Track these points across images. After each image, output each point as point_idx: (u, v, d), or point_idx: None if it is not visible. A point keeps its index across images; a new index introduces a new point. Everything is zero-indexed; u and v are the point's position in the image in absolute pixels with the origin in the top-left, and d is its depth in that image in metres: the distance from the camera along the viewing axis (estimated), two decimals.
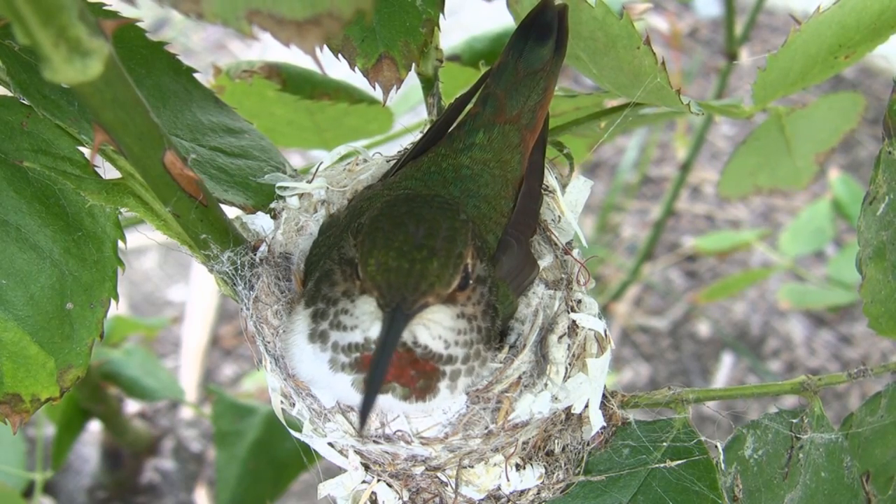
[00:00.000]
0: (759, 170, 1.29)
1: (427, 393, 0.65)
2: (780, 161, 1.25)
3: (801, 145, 1.21)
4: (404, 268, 0.59)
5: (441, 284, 0.60)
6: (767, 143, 1.21)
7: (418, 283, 0.59)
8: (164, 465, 1.87)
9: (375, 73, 0.80)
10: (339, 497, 0.77)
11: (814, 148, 1.24)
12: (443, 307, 0.62)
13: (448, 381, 0.65)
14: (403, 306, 0.59)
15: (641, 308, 2.46)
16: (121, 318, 1.64)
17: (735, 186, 1.35)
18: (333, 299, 0.65)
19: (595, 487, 0.76)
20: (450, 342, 0.64)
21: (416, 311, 0.60)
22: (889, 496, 0.83)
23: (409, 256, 0.60)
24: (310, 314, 0.67)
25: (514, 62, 0.76)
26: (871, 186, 0.78)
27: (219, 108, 0.86)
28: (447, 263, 0.61)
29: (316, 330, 0.66)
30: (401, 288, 0.59)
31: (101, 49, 0.49)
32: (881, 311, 0.81)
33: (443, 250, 0.61)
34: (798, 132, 1.18)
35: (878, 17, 0.81)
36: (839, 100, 1.19)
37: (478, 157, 0.76)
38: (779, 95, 0.92)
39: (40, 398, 0.73)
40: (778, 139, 1.19)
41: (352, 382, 0.65)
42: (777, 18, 2.97)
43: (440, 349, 0.64)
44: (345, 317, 0.64)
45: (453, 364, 0.65)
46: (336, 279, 0.65)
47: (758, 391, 0.83)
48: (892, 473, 0.84)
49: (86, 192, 0.74)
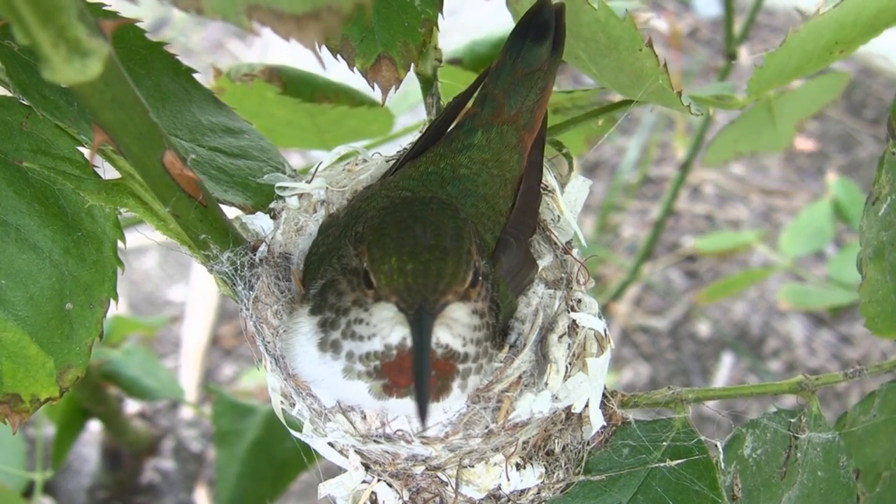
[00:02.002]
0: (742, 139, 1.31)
1: (441, 393, 0.66)
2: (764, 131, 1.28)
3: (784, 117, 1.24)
4: (420, 269, 0.60)
5: (458, 281, 0.61)
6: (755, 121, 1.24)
7: (436, 282, 0.60)
8: (164, 465, 1.87)
9: (374, 74, 0.80)
10: (339, 497, 0.77)
11: (795, 116, 1.26)
12: (461, 304, 0.63)
13: (461, 379, 0.66)
14: (426, 307, 0.59)
15: (641, 308, 2.46)
16: (121, 318, 1.64)
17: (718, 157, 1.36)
18: (343, 309, 0.65)
19: (595, 487, 0.76)
20: (467, 340, 0.64)
21: (439, 311, 0.60)
22: (877, 494, 0.83)
23: (423, 258, 0.60)
24: (317, 323, 0.66)
25: (512, 62, 0.76)
26: (874, 187, 0.79)
27: (218, 109, 0.86)
28: (459, 261, 0.61)
29: (326, 339, 0.66)
30: (420, 289, 0.59)
31: (101, 49, 0.49)
32: (877, 311, 0.81)
33: (453, 249, 0.61)
34: (783, 109, 1.21)
35: (876, 16, 0.81)
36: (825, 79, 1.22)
37: (476, 157, 0.76)
38: (773, 87, 0.93)
39: (40, 398, 0.73)
40: (765, 116, 1.22)
41: (369, 389, 0.66)
42: (777, 18, 2.97)
43: (459, 347, 0.64)
44: (359, 326, 0.64)
45: (467, 362, 0.65)
46: (343, 288, 0.65)
47: (757, 391, 0.83)
48: (880, 471, 0.84)
49: (85, 192, 0.74)
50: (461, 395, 0.67)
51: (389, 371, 0.64)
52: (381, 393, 0.66)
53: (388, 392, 0.65)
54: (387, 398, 0.66)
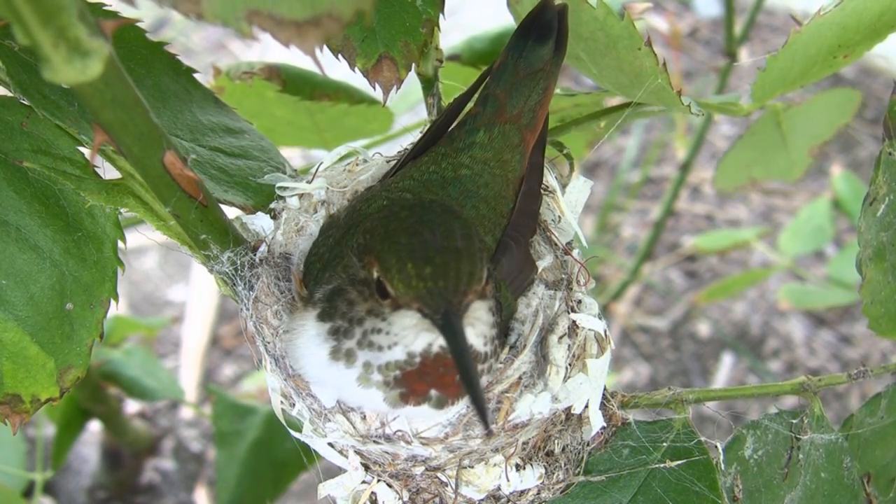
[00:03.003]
0: (754, 163, 1.30)
1: (457, 397, 0.66)
2: (776, 154, 1.26)
3: (796, 139, 1.22)
4: (439, 272, 0.59)
5: (476, 280, 0.60)
6: (764, 138, 1.22)
7: (457, 283, 0.59)
8: (164, 465, 1.88)
9: (375, 74, 0.80)
10: (339, 497, 0.77)
11: (808, 141, 1.25)
12: (481, 303, 0.62)
13: None
14: (451, 309, 0.59)
15: (641, 308, 2.46)
16: (121, 318, 1.64)
17: (731, 180, 1.35)
18: (357, 319, 0.64)
19: (595, 488, 0.76)
20: (487, 338, 0.64)
21: (464, 311, 0.60)
22: (891, 498, 0.83)
23: (438, 261, 0.59)
24: (328, 331, 0.66)
25: (514, 62, 0.76)
26: (872, 187, 0.78)
27: (219, 109, 0.86)
28: (474, 259, 0.60)
29: (339, 348, 0.65)
30: (444, 292, 0.59)
31: (101, 49, 0.49)
32: (881, 312, 0.81)
33: (465, 248, 0.61)
34: (794, 127, 1.19)
35: (879, 18, 0.81)
36: (835, 95, 1.20)
37: (478, 157, 0.76)
38: (777, 94, 0.92)
39: (40, 399, 0.73)
40: (774, 134, 1.20)
41: (384, 398, 0.65)
42: (777, 18, 2.97)
43: (482, 347, 0.64)
44: (378, 336, 0.63)
45: (487, 362, 0.65)
46: (353, 298, 0.64)
47: (758, 391, 0.83)
48: (893, 475, 0.84)
49: (86, 192, 0.74)
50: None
51: (410, 379, 0.64)
52: (397, 401, 0.65)
53: (404, 400, 0.65)
54: (403, 406, 0.65)
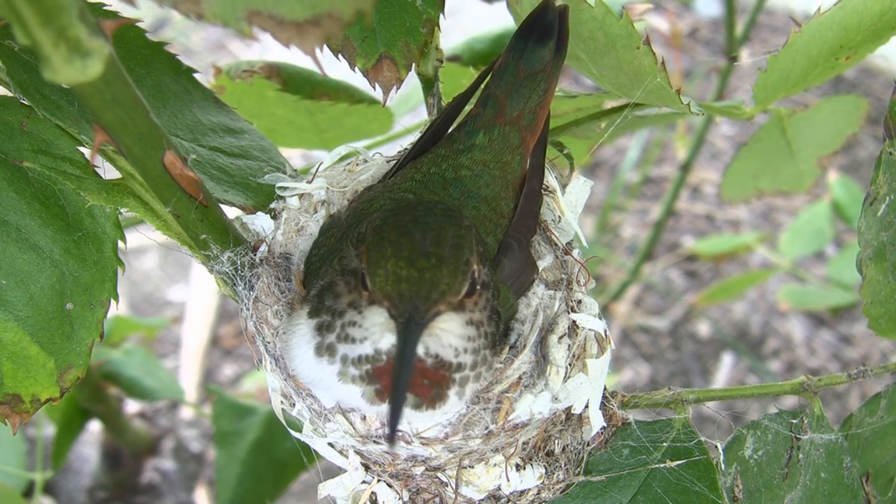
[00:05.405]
0: (761, 173, 1.29)
1: (437, 401, 0.65)
2: (783, 164, 1.25)
3: (803, 148, 1.20)
4: (414, 277, 0.59)
5: (451, 292, 0.60)
6: (769, 146, 1.21)
7: (430, 291, 0.59)
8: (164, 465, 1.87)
9: (375, 74, 0.80)
10: (339, 497, 0.77)
11: (816, 151, 1.23)
12: (453, 315, 0.62)
13: (457, 387, 0.65)
14: (416, 316, 0.58)
15: (641, 308, 2.46)
16: (121, 318, 1.64)
17: (737, 189, 1.34)
18: (339, 311, 0.64)
19: (595, 488, 0.76)
20: (460, 350, 0.64)
21: (429, 321, 0.59)
22: (889, 497, 0.83)
23: (419, 265, 0.59)
24: (314, 326, 0.66)
25: (515, 63, 0.76)
26: (872, 187, 0.78)
27: (219, 109, 0.86)
28: (456, 271, 0.60)
29: (322, 343, 0.65)
30: (412, 297, 0.58)
31: (101, 49, 0.49)
32: (881, 312, 0.81)
33: (451, 258, 0.60)
34: (800, 134, 1.17)
35: (879, 18, 0.81)
36: (841, 102, 1.19)
37: (478, 159, 0.76)
38: (780, 96, 0.92)
39: (40, 398, 0.73)
40: (780, 141, 1.19)
41: (362, 394, 0.65)
42: (777, 18, 2.97)
43: (451, 357, 0.63)
44: (353, 329, 0.63)
45: (462, 371, 0.65)
46: (340, 290, 0.65)
47: (758, 391, 0.83)
48: (892, 474, 0.84)
49: (86, 192, 0.74)
50: (458, 402, 0.67)
51: (381, 376, 0.64)
52: (374, 398, 0.65)
53: (380, 398, 0.65)
54: (380, 403, 0.66)
